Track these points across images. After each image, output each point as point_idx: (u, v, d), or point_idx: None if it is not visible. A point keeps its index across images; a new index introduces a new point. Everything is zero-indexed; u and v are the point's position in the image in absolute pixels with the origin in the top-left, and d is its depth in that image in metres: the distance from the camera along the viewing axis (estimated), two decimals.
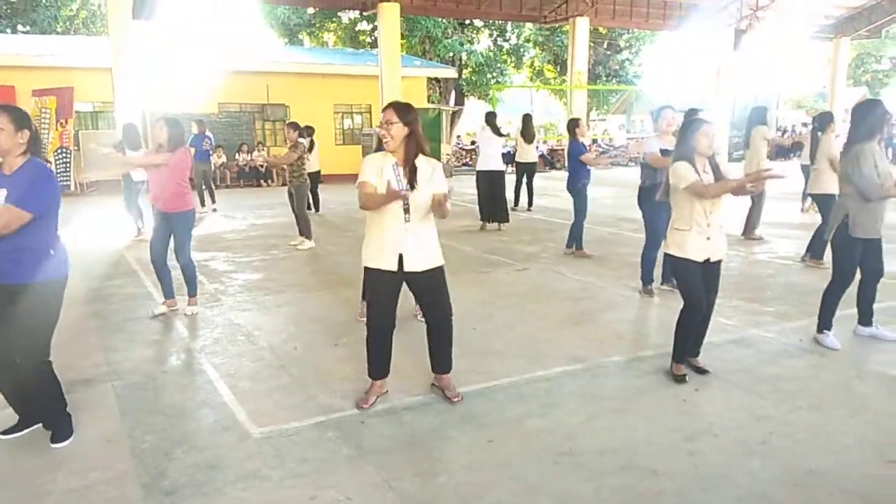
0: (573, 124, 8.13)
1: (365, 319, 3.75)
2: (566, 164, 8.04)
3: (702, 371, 4.19)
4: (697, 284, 4.01)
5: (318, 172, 12.12)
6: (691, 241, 3.97)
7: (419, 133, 3.56)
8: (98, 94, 16.71)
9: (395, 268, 3.55)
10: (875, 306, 4.91)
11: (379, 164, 3.57)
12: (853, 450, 3.23)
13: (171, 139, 5.39)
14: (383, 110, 3.59)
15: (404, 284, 3.68)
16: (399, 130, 3.50)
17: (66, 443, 3.36)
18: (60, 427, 3.40)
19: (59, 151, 15.43)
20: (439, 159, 21.15)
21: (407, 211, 3.52)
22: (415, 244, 3.56)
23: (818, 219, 7.48)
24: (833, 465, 3.08)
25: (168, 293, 5.76)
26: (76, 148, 16.16)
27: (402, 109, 3.54)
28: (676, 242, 4.03)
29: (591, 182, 7.98)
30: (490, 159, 10.10)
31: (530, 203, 12.31)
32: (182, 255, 5.57)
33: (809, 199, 8.65)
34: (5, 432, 3.43)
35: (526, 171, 12.09)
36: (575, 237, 8.02)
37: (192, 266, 5.69)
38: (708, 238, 3.97)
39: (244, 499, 2.86)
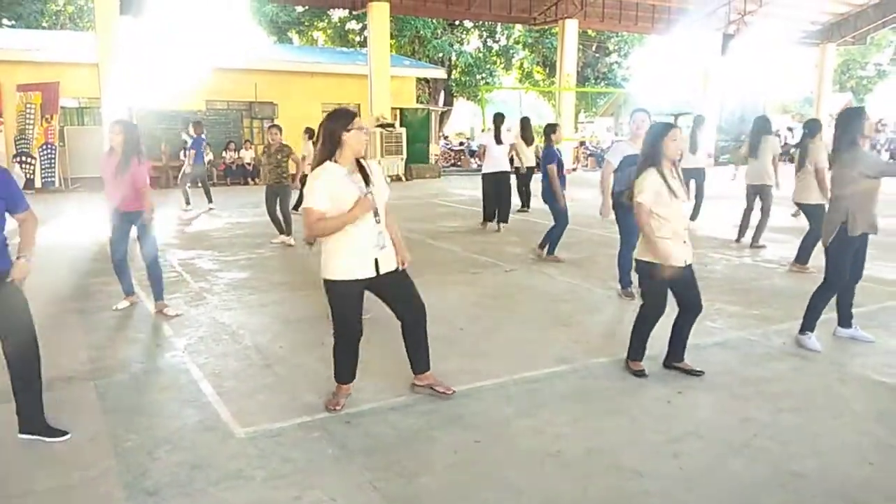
0: (550, 129, 8.06)
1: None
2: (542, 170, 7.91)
3: (695, 373, 4.19)
4: (665, 289, 4.10)
5: None
6: (675, 248, 3.98)
7: None
8: (84, 89, 16.56)
9: (372, 273, 3.50)
10: (857, 310, 4.97)
11: (330, 181, 3.37)
12: (836, 452, 3.26)
13: (126, 144, 5.35)
14: (355, 116, 3.48)
15: None
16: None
17: (42, 438, 3.31)
18: (36, 414, 3.36)
19: (45, 147, 15.29)
20: (427, 161, 21.01)
21: (376, 213, 3.47)
22: (386, 243, 3.54)
23: (805, 223, 7.48)
24: (817, 467, 3.10)
25: (128, 289, 5.80)
26: (61, 144, 16.01)
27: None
28: (661, 251, 3.94)
29: (566, 188, 7.98)
30: (497, 161, 10.07)
31: (527, 204, 12.35)
32: (147, 249, 5.53)
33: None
34: None
35: (525, 174, 12.10)
36: (551, 241, 7.83)
37: (157, 266, 5.65)
38: (685, 242, 4.04)
39: (227, 499, 2.84)
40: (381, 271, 3.52)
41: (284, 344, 4.87)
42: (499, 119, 10.20)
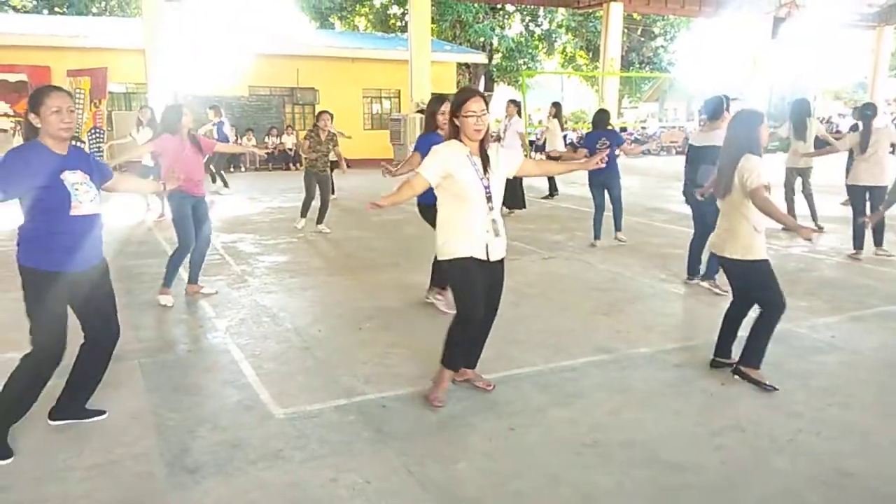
0: (605, 115, 8.13)
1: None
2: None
3: (763, 385, 3.79)
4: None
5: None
6: (763, 240, 3.82)
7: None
8: (131, 75, 16.93)
9: (483, 256, 3.44)
10: None
11: (452, 154, 3.39)
12: (887, 451, 3.14)
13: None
14: (467, 99, 3.37)
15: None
16: (487, 120, 3.44)
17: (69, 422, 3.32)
18: (80, 403, 3.37)
19: (93, 131, 15.66)
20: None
21: (490, 199, 3.43)
22: (496, 232, 3.48)
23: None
24: (865, 466, 2.99)
25: (171, 284, 5.64)
26: (109, 128, 16.39)
27: (486, 99, 3.47)
28: (758, 246, 3.78)
29: (617, 175, 7.93)
30: (510, 146, 10.04)
31: (555, 189, 12.32)
32: (205, 232, 5.61)
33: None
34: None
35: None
36: (594, 228, 7.98)
37: (206, 249, 5.75)
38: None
39: (265, 478, 2.88)
40: (492, 258, 3.47)
41: (323, 328, 4.91)
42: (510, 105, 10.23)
